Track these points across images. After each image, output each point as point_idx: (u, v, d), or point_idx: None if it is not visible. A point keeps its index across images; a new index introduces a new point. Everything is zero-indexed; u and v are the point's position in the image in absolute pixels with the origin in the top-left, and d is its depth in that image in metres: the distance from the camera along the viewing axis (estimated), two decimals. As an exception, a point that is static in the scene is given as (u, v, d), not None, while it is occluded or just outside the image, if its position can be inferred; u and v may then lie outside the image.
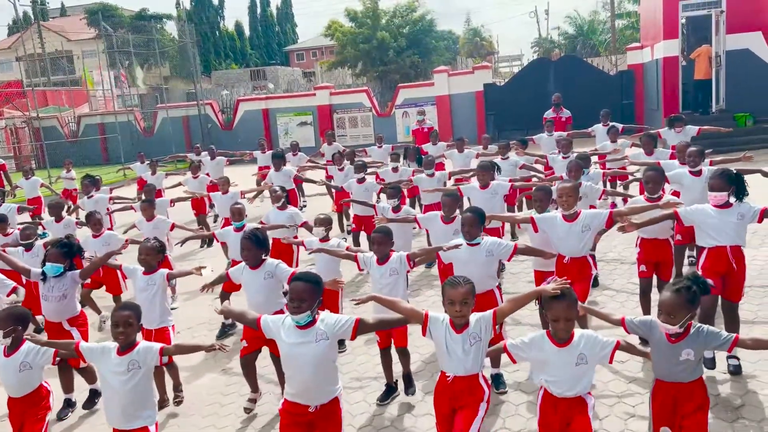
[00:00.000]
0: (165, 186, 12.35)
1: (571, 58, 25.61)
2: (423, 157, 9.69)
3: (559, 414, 3.37)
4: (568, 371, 3.32)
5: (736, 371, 4.80)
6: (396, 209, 7.12)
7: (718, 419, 4.24)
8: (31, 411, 4.16)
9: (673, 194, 6.61)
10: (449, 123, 23.15)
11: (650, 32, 20.02)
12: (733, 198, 4.88)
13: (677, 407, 3.37)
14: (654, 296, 5.28)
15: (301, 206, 12.69)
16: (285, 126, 25.46)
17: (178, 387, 5.40)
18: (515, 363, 3.69)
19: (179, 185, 11.55)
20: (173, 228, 7.87)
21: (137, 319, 3.84)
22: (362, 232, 8.85)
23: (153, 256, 5.35)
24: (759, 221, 4.83)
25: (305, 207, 13.10)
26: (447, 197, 6.19)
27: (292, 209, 7.64)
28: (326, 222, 6.09)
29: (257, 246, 4.97)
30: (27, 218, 10.47)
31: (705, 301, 4.59)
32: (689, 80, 17.29)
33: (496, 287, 4.96)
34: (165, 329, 5.23)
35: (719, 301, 4.95)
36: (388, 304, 3.83)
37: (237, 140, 24.00)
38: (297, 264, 7.44)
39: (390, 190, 7.36)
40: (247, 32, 62.72)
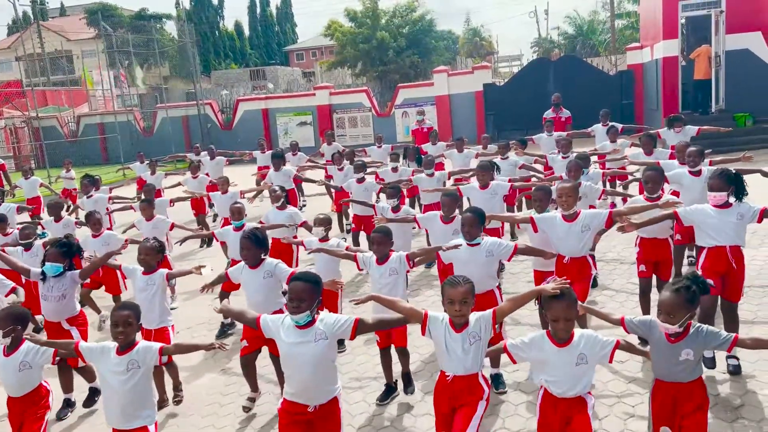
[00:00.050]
0: (164, 186, 12.35)
1: (571, 58, 25.64)
2: (422, 157, 9.70)
3: (559, 414, 3.37)
4: (568, 371, 3.32)
5: (736, 371, 4.80)
6: (395, 209, 7.12)
7: (718, 419, 4.24)
8: (31, 410, 4.17)
9: (673, 194, 6.61)
10: (449, 123, 23.15)
11: (650, 32, 20.03)
12: (733, 198, 4.88)
13: (677, 407, 3.37)
14: (653, 296, 5.28)
15: (301, 206, 12.68)
16: (284, 126, 25.46)
17: (178, 386, 5.40)
18: (515, 363, 3.69)
19: (179, 185, 11.55)
20: (173, 228, 7.87)
21: (137, 319, 3.84)
22: (362, 232, 8.86)
23: (152, 256, 5.35)
24: (759, 221, 4.83)
25: (305, 207, 13.10)
26: (446, 197, 6.19)
27: (292, 209, 7.64)
28: (326, 222, 6.09)
29: (256, 245, 4.98)
30: (26, 218, 10.46)
31: (705, 302, 4.60)
32: (689, 80, 17.29)
33: (496, 287, 4.96)
34: (164, 329, 5.23)
35: (719, 301, 4.95)
36: (388, 304, 3.83)
37: (236, 140, 23.99)
38: (297, 264, 7.44)
39: (389, 190, 7.36)
40: (247, 32, 62.70)
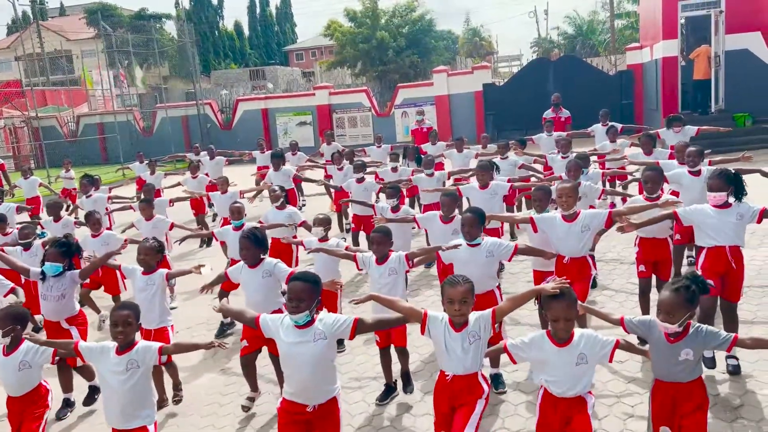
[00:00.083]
0: (164, 186, 12.35)
1: (571, 58, 25.64)
2: (422, 157, 9.70)
3: (559, 414, 3.37)
4: (569, 371, 3.32)
5: (735, 371, 4.80)
6: (395, 209, 7.11)
7: (717, 419, 4.24)
8: (30, 409, 4.17)
9: (672, 194, 6.61)
10: (448, 123, 23.14)
11: (649, 32, 20.03)
12: (732, 198, 4.87)
13: (676, 407, 3.37)
14: (653, 296, 5.28)
15: (300, 206, 12.68)
16: (284, 126, 25.45)
17: (178, 386, 5.39)
18: (515, 363, 3.68)
19: (178, 185, 11.55)
20: (172, 227, 7.87)
21: (136, 319, 3.84)
22: (361, 232, 8.86)
23: (152, 256, 5.34)
24: (758, 221, 4.82)
25: (304, 206, 13.09)
26: (446, 197, 6.18)
27: (291, 209, 7.65)
28: (325, 222, 6.09)
29: (256, 245, 4.98)
30: (26, 218, 10.46)
31: (704, 302, 4.60)
32: (688, 80, 17.29)
33: (496, 287, 4.96)
34: (164, 329, 5.23)
35: (718, 302, 4.95)
36: (387, 304, 3.83)
37: (236, 140, 23.99)
38: (297, 263, 7.44)
39: (389, 190, 7.36)
40: (247, 32, 62.69)
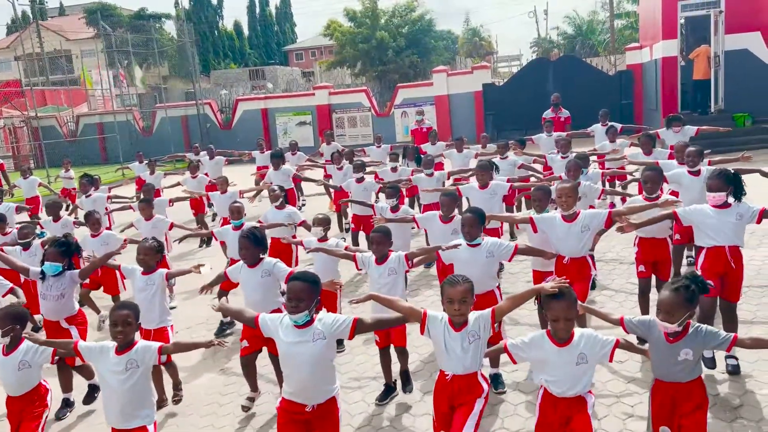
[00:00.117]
0: (163, 185, 12.34)
1: (570, 58, 25.64)
2: (422, 157, 9.69)
3: (559, 413, 3.37)
4: (569, 371, 3.32)
5: (735, 371, 4.79)
6: (394, 209, 7.11)
7: (717, 419, 4.24)
8: (29, 409, 4.17)
9: (672, 194, 6.61)
10: (448, 123, 23.14)
11: (649, 32, 20.03)
12: (732, 198, 4.87)
13: (676, 407, 3.37)
14: (653, 296, 5.28)
15: (300, 205, 12.68)
16: (284, 126, 25.45)
17: (178, 386, 5.39)
18: (515, 363, 3.68)
19: (178, 185, 11.54)
20: (172, 227, 7.87)
21: (136, 319, 3.84)
22: (361, 232, 8.85)
23: (151, 256, 5.34)
24: (758, 222, 4.82)
25: (304, 206, 13.10)
26: (445, 197, 6.18)
27: (291, 208, 7.65)
28: (324, 222, 6.09)
29: (255, 244, 4.99)
30: (25, 218, 10.45)
31: (704, 303, 4.60)
32: (688, 80, 17.29)
33: (496, 287, 4.96)
34: (164, 329, 5.23)
35: (718, 302, 4.95)
36: (387, 303, 3.83)
37: (236, 140, 23.98)
38: (297, 263, 7.43)
39: (388, 190, 7.35)
40: (246, 32, 62.66)
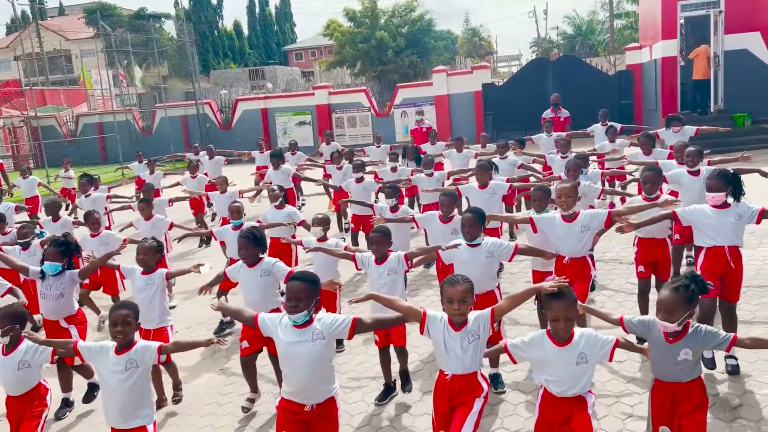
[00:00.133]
0: (163, 185, 12.33)
1: (570, 58, 25.66)
2: (422, 157, 9.69)
3: (558, 413, 3.37)
4: (569, 370, 3.32)
5: (734, 371, 4.79)
6: (394, 209, 7.11)
7: (717, 419, 4.24)
8: (29, 408, 4.17)
9: (671, 194, 6.61)
10: (448, 123, 23.14)
11: (649, 32, 20.03)
12: (731, 198, 4.87)
13: (676, 407, 3.37)
14: (652, 296, 5.28)
15: (300, 205, 12.69)
16: (284, 125, 25.44)
17: (178, 386, 5.39)
18: (515, 363, 3.68)
19: (177, 185, 11.53)
20: (171, 227, 7.87)
21: (135, 318, 3.84)
22: (361, 232, 8.85)
23: (151, 256, 5.34)
24: (757, 222, 4.81)
25: (304, 206, 13.10)
26: (445, 197, 6.18)
27: (290, 208, 7.65)
28: (324, 222, 6.09)
29: (254, 244, 4.99)
30: (25, 217, 10.45)
31: (704, 303, 4.60)
32: (688, 80, 17.28)
33: (496, 287, 4.96)
34: (164, 329, 5.22)
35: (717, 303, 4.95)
36: (387, 303, 3.83)
37: (235, 139, 23.99)
38: (296, 263, 7.43)
39: (388, 190, 7.35)
40: (246, 32, 62.67)
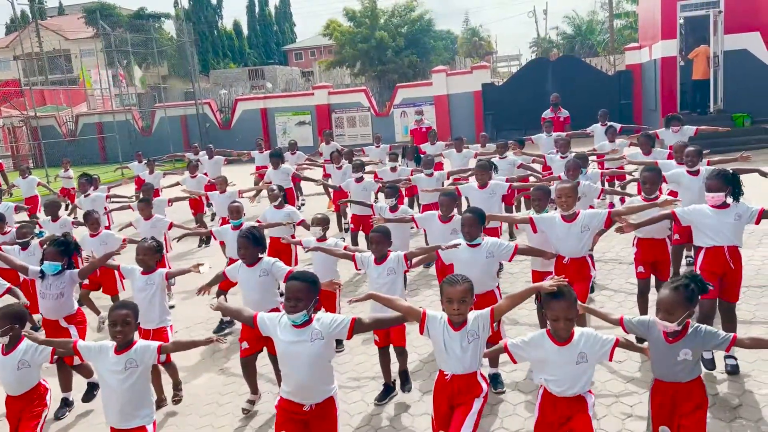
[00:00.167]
0: (163, 185, 12.33)
1: (570, 58, 25.69)
2: (421, 157, 9.69)
3: (558, 413, 3.37)
4: (569, 370, 3.32)
5: (734, 371, 4.79)
6: (393, 209, 7.11)
7: (716, 419, 4.24)
8: (28, 408, 4.17)
9: (670, 194, 6.61)
10: (447, 123, 23.14)
11: (648, 32, 20.03)
12: (730, 198, 4.87)
13: (676, 407, 3.37)
14: (651, 296, 5.28)
15: (299, 205, 12.69)
16: (283, 125, 25.44)
17: (178, 386, 5.39)
18: (515, 363, 3.67)
19: (177, 184, 11.53)
20: (171, 227, 7.86)
21: (135, 318, 3.84)
22: (360, 232, 8.85)
23: (150, 256, 5.33)
24: (756, 222, 4.81)
25: (303, 206, 13.10)
26: (444, 197, 6.18)
27: (289, 208, 7.65)
28: (323, 222, 6.09)
29: (254, 244, 4.99)
30: (24, 217, 10.44)
31: (704, 304, 4.61)
32: (687, 80, 17.28)
33: (496, 287, 4.96)
34: (164, 329, 5.22)
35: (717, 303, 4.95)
36: (386, 302, 3.83)
37: (235, 139, 24.00)
38: (296, 263, 7.43)
39: (387, 190, 7.35)
40: (246, 31, 62.63)
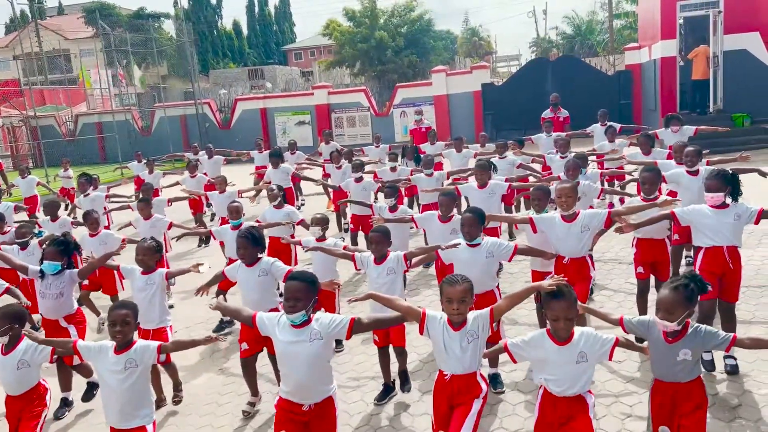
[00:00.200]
0: (162, 185, 12.33)
1: (569, 58, 25.70)
2: (421, 157, 9.69)
3: (558, 413, 3.37)
4: (569, 369, 3.32)
5: (733, 371, 4.80)
6: (393, 209, 7.11)
7: (716, 419, 4.24)
8: (28, 408, 4.17)
9: (670, 194, 6.61)
10: (447, 123, 23.14)
11: (648, 32, 20.03)
12: (729, 198, 4.87)
13: (676, 407, 3.37)
14: (651, 296, 5.28)
15: (299, 205, 12.69)
16: (283, 125, 25.43)
17: (178, 386, 5.38)
18: (516, 362, 3.67)
19: (177, 184, 11.53)
20: (170, 227, 7.86)
21: (134, 318, 3.84)
22: (360, 232, 8.84)
23: (150, 256, 5.33)
24: (756, 222, 4.82)
25: (303, 206, 13.10)
26: (444, 197, 6.18)
27: (289, 208, 7.66)
28: (322, 222, 6.09)
29: (253, 244, 4.99)
30: (24, 217, 10.44)
31: (703, 305, 4.61)
32: (687, 80, 17.28)
33: (496, 287, 4.96)
34: (163, 329, 5.22)
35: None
36: (386, 302, 3.83)
37: (235, 139, 23.99)
38: (296, 263, 7.42)
39: (387, 190, 7.35)
40: (245, 31, 62.58)
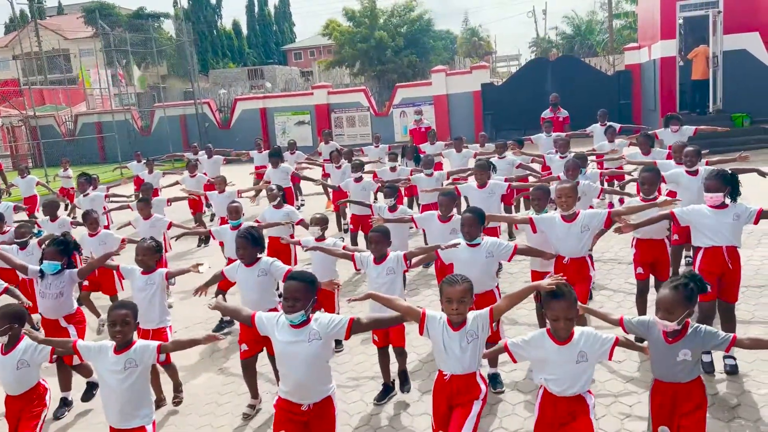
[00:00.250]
0: (162, 185, 12.33)
1: (569, 58, 25.71)
2: (421, 157, 9.69)
3: (558, 413, 3.37)
4: (569, 369, 3.32)
5: (733, 371, 4.80)
6: (392, 209, 7.11)
7: (715, 419, 4.24)
8: (28, 408, 4.17)
9: (669, 194, 6.61)
10: (447, 123, 23.14)
11: (648, 32, 20.04)
12: (729, 199, 4.87)
13: (676, 407, 3.37)
14: (651, 297, 5.28)
15: (299, 205, 12.69)
16: (282, 125, 25.43)
17: (178, 387, 5.38)
18: (516, 362, 3.67)
19: (176, 184, 11.53)
20: (170, 227, 7.85)
21: (134, 318, 3.84)
22: (360, 232, 8.84)
23: (150, 256, 5.33)
24: (755, 222, 4.82)
25: (303, 206, 13.10)
26: (444, 196, 6.18)
27: (288, 208, 7.65)
28: (322, 221, 6.09)
29: (252, 244, 4.99)
30: (23, 217, 10.43)
31: (703, 305, 4.61)
32: (686, 80, 17.28)
33: (495, 287, 4.96)
34: (163, 329, 5.21)
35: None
36: (386, 302, 3.83)
37: (234, 139, 23.98)
38: (296, 263, 7.42)
39: (387, 190, 7.35)
40: (245, 31, 62.59)
